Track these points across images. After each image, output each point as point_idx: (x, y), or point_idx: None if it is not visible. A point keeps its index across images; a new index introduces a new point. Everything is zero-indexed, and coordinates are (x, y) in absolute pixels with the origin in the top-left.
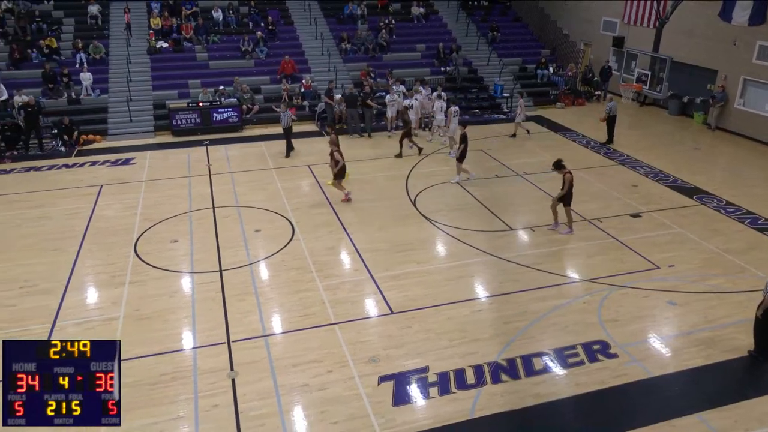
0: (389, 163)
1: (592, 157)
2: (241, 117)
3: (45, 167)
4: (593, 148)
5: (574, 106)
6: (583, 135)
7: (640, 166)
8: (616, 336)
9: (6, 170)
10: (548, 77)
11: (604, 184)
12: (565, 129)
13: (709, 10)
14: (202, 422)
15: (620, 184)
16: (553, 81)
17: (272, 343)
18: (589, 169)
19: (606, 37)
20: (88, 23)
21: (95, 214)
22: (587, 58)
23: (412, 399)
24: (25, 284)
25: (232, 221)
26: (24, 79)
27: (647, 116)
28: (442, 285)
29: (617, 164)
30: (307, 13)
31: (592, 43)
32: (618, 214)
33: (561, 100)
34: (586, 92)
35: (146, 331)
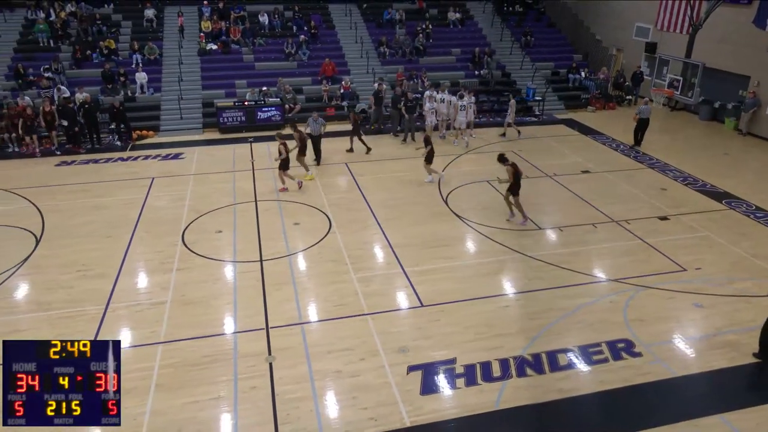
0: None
1: (621, 159)
2: (284, 116)
3: (102, 160)
4: (623, 151)
5: (605, 110)
6: (613, 138)
7: (669, 170)
8: (641, 335)
9: (67, 162)
10: (580, 81)
11: (633, 187)
12: (596, 132)
13: (743, 17)
14: (241, 403)
15: (649, 187)
16: (585, 85)
17: (308, 331)
18: (617, 172)
19: (638, 42)
20: (144, 26)
21: (147, 205)
22: (619, 63)
23: (440, 389)
24: (83, 268)
25: (273, 214)
26: (85, 78)
27: (678, 121)
28: (470, 280)
29: (646, 167)
30: (348, 17)
31: (625, 48)
32: (646, 216)
33: (592, 104)
34: (618, 97)
35: (191, 316)
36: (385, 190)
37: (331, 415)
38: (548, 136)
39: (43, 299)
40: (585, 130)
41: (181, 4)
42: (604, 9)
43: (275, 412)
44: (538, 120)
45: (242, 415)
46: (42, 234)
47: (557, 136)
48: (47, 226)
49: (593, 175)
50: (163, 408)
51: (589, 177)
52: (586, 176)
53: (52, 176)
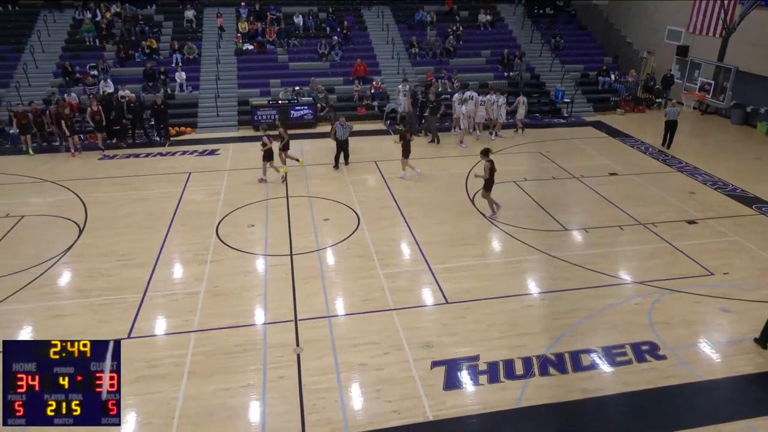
0: (451, 161)
1: (650, 162)
2: (316, 114)
3: (143, 155)
4: (651, 154)
5: (634, 113)
6: (642, 141)
7: (698, 174)
8: (666, 338)
9: (110, 156)
10: (609, 84)
11: (661, 190)
12: (624, 135)
13: None
14: (269, 391)
15: (677, 190)
16: (614, 88)
17: (335, 324)
18: (645, 175)
19: (670, 45)
20: (184, 26)
21: (184, 198)
22: (649, 66)
23: (463, 385)
24: (122, 258)
25: (304, 210)
26: (128, 76)
27: (708, 125)
28: (495, 279)
29: (675, 171)
30: (380, 19)
31: (656, 51)
32: (673, 219)
33: (621, 107)
34: (647, 100)
35: (223, 306)
36: (413, 189)
37: (356, 407)
38: (576, 138)
39: (85, 286)
40: (613, 132)
41: (220, 5)
42: (635, 12)
43: (302, 402)
44: (566, 122)
45: (270, 403)
46: (85, 224)
47: (585, 138)
48: (90, 216)
49: (621, 178)
50: (195, 394)
51: (616, 179)
52: (613, 178)
53: (96, 169)
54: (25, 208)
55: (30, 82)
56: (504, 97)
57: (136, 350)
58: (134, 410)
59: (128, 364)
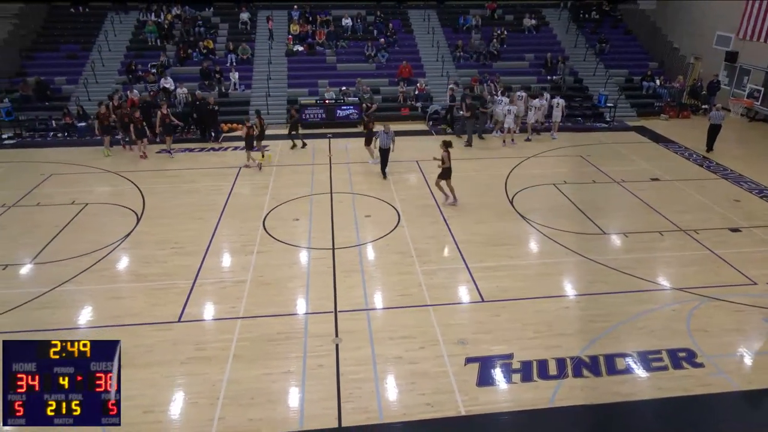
0: (491, 163)
1: (693, 168)
2: (361, 114)
3: (197, 149)
4: (695, 160)
5: (678, 118)
6: (686, 147)
7: (744, 181)
8: (704, 346)
9: (168, 150)
10: (654, 89)
11: (704, 197)
12: (667, 140)
13: None
14: (308, 379)
15: (721, 197)
16: (659, 93)
17: (372, 317)
18: (688, 181)
19: (718, 51)
20: (239, 28)
21: (233, 192)
22: (696, 72)
23: (496, 382)
24: (176, 246)
25: (346, 206)
26: (186, 75)
27: (756, 132)
28: (532, 279)
29: (719, 178)
30: (426, 22)
31: (703, 57)
32: (716, 227)
33: (665, 112)
34: (693, 105)
35: (268, 295)
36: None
37: (390, 398)
38: (618, 142)
39: (141, 271)
40: (656, 137)
41: (273, 8)
42: (683, 17)
43: (339, 390)
44: (609, 126)
45: (309, 390)
46: (142, 213)
47: (627, 142)
48: (147, 206)
49: (663, 183)
50: (239, 377)
51: (658, 185)
52: (655, 184)
53: (154, 163)
54: (89, 197)
55: (97, 79)
56: (547, 98)
57: (185, 333)
58: (182, 389)
59: (178, 347)
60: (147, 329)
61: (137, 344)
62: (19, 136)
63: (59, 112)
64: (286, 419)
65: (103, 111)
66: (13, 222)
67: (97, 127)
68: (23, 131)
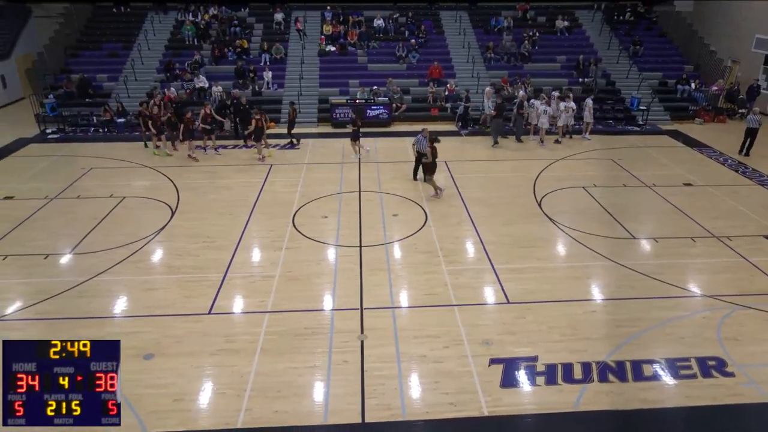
0: (520, 164)
1: (728, 174)
2: (390, 114)
3: (230, 146)
4: (730, 166)
5: (714, 122)
6: (721, 152)
7: None
8: (735, 355)
9: (202, 146)
10: (689, 93)
11: (738, 203)
12: (702, 145)
13: None
14: (333, 374)
15: (757, 204)
16: (694, 97)
17: (398, 315)
18: (723, 186)
19: (757, 54)
20: (273, 28)
21: (264, 189)
22: (733, 75)
23: (519, 384)
24: (207, 239)
25: (374, 205)
26: (220, 74)
27: None
28: (559, 282)
29: (755, 184)
30: (458, 23)
31: (741, 60)
32: (750, 234)
33: (700, 116)
34: (729, 110)
35: (295, 290)
36: (481, 189)
37: (414, 396)
38: (650, 146)
39: (174, 264)
40: (690, 142)
41: (307, 9)
42: (721, 19)
43: (363, 386)
44: (641, 130)
45: (333, 385)
46: (177, 207)
47: (660, 146)
48: (181, 201)
49: (696, 188)
50: (266, 370)
51: (691, 190)
52: (687, 189)
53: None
54: (126, 190)
55: (136, 77)
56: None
57: (215, 326)
58: (211, 380)
59: (208, 338)
60: (178, 320)
61: (168, 335)
62: (63, 131)
63: (100, 109)
64: (310, 413)
65: (155, 111)
66: (55, 214)
67: (150, 126)
68: (66, 126)
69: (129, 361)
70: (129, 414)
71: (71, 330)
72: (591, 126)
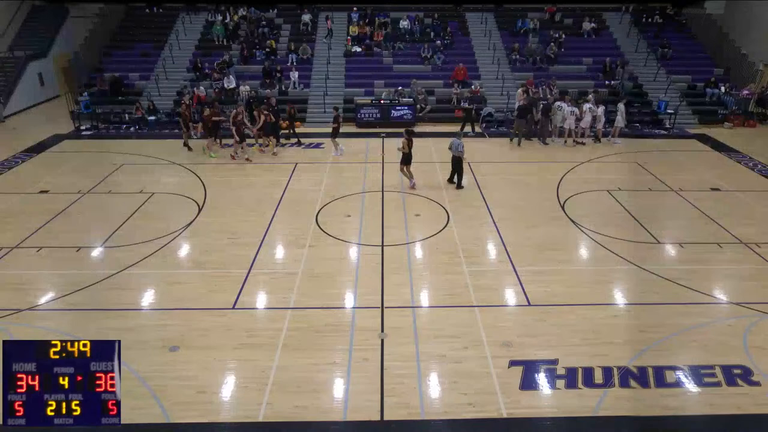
0: (544, 166)
1: (758, 180)
2: (415, 115)
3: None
4: (760, 171)
5: (743, 127)
6: (750, 157)
7: None
8: (762, 364)
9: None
10: (718, 96)
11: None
12: (730, 150)
13: None
14: (353, 371)
15: None
16: (723, 101)
17: (418, 315)
18: (752, 192)
19: None
20: (301, 29)
21: (289, 187)
22: (765, 79)
23: (539, 386)
24: (233, 236)
25: (397, 205)
26: (249, 74)
27: None
28: (581, 286)
29: None
30: (484, 25)
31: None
32: None
33: (729, 120)
34: (760, 114)
35: (318, 288)
36: (503, 191)
37: (433, 395)
38: (677, 150)
39: (200, 259)
40: (719, 146)
41: (333, 10)
42: (753, 22)
43: (382, 384)
44: (668, 133)
45: (353, 382)
46: (204, 204)
47: (687, 150)
48: (208, 197)
49: (723, 194)
50: (287, 365)
51: (718, 195)
52: (715, 194)
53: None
54: (156, 186)
55: (167, 76)
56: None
57: (239, 320)
58: (233, 373)
59: (232, 332)
60: (203, 314)
61: (194, 328)
62: (96, 128)
63: (132, 107)
64: (330, 409)
65: (206, 113)
66: (87, 208)
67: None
68: (99, 123)
69: (155, 352)
70: (154, 404)
71: (101, 321)
72: (620, 130)
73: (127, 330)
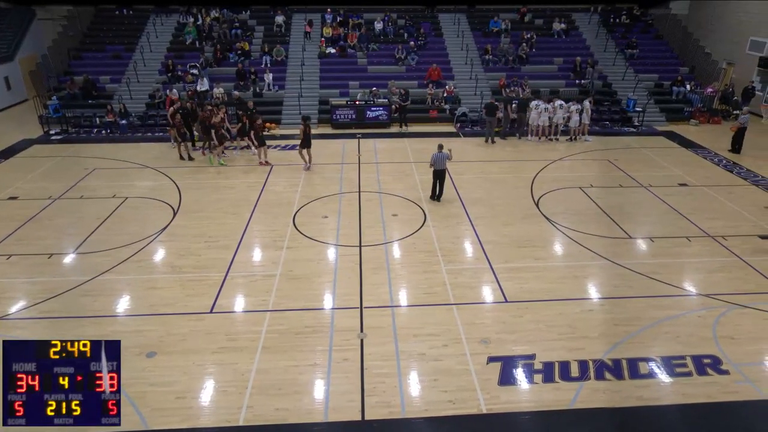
0: (518, 165)
1: (723, 175)
2: (390, 116)
3: (231, 147)
4: (725, 166)
5: (709, 124)
6: (716, 153)
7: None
8: (730, 353)
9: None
10: (684, 94)
11: (734, 203)
12: (697, 146)
13: None
14: (333, 371)
15: (751, 204)
16: (689, 98)
17: (397, 314)
18: (718, 187)
19: (752, 57)
20: (274, 30)
21: (266, 189)
22: (728, 77)
23: (517, 381)
24: (210, 239)
25: (374, 205)
26: (222, 75)
27: None
28: (556, 282)
29: (749, 184)
30: (456, 26)
31: (736, 62)
32: (745, 234)
33: (695, 118)
34: (724, 111)
35: (296, 289)
36: (479, 190)
37: (413, 393)
38: (646, 147)
39: (176, 263)
40: (686, 143)
41: (307, 11)
42: (716, 22)
43: (363, 384)
44: (637, 131)
45: (334, 383)
46: (179, 207)
47: (655, 147)
48: (183, 201)
49: (691, 189)
50: (267, 367)
51: (686, 190)
52: (683, 189)
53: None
54: (129, 191)
55: (138, 78)
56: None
57: (217, 324)
58: (213, 378)
59: (210, 336)
60: (181, 319)
61: (172, 333)
62: (66, 132)
63: (103, 110)
64: (311, 410)
65: (206, 114)
66: (59, 213)
67: (213, 135)
68: (69, 127)
69: (132, 359)
70: (131, 411)
71: (75, 329)
72: (588, 127)
73: (102, 337)
